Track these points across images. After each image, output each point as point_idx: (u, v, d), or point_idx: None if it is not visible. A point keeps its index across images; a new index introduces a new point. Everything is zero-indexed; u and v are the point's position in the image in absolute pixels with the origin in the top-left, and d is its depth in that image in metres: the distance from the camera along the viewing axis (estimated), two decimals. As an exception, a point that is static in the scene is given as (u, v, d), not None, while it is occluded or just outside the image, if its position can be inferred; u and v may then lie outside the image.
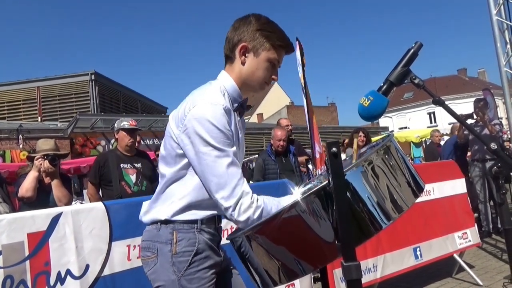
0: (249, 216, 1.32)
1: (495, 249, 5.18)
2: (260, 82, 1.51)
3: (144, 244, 1.52)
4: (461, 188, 4.36)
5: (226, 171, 1.34)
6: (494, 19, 4.88)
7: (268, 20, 1.51)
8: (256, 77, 1.50)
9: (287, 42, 1.51)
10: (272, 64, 1.50)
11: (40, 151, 3.38)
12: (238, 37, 1.49)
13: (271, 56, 1.48)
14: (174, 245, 1.44)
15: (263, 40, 1.47)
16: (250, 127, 20.39)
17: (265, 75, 1.50)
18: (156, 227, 1.48)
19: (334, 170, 1.11)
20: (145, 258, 1.50)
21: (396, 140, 1.47)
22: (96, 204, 2.38)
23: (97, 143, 13.00)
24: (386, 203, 1.20)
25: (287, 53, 1.55)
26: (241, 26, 1.50)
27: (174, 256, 1.43)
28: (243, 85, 1.52)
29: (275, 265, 1.22)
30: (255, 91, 1.57)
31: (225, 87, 1.49)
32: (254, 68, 1.49)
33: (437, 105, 1.35)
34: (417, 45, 1.36)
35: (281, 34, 1.50)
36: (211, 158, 1.34)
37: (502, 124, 6.33)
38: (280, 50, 1.50)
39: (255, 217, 1.32)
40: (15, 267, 1.97)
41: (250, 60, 1.49)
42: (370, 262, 3.43)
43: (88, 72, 16.02)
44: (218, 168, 1.34)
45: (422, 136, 15.14)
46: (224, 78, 1.52)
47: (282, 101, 42.97)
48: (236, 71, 1.51)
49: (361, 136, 5.74)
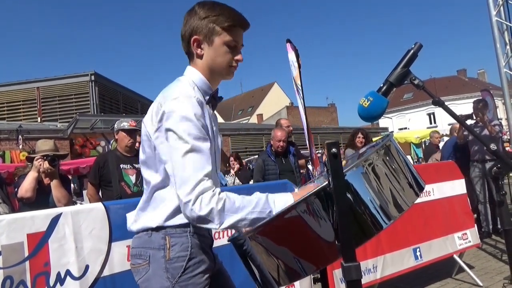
0: (212, 207, 1.25)
1: (495, 249, 5.18)
2: (224, 67, 1.46)
3: (134, 251, 1.47)
4: (461, 188, 4.36)
5: (193, 166, 1.28)
6: (494, 20, 4.88)
7: (213, 4, 1.45)
8: (218, 65, 1.46)
9: (237, 19, 1.45)
10: (230, 47, 1.44)
11: (40, 152, 3.38)
12: (189, 32, 1.46)
13: (225, 39, 1.43)
14: (168, 250, 1.39)
15: (212, 26, 1.42)
16: (250, 127, 20.38)
17: (227, 60, 1.45)
18: (147, 233, 1.44)
19: (334, 170, 1.11)
20: (136, 266, 1.45)
21: (395, 140, 1.47)
22: (96, 205, 2.37)
23: (96, 144, 13.00)
24: (386, 203, 1.20)
25: (244, 29, 1.48)
26: (188, 20, 1.46)
27: (168, 262, 1.39)
28: (210, 75, 1.48)
29: (276, 266, 1.22)
30: (224, 78, 1.52)
31: (193, 81, 1.46)
32: (213, 57, 1.45)
33: (437, 105, 1.35)
34: (416, 46, 1.36)
35: (228, 13, 1.43)
36: (181, 152, 1.29)
37: (501, 125, 6.33)
38: (233, 30, 1.43)
39: (218, 208, 1.25)
40: (15, 267, 1.97)
41: (206, 50, 1.45)
42: (370, 263, 3.43)
43: (88, 72, 16.01)
44: (186, 163, 1.28)
45: (421, 137, 15.15)
46: (191, 72, 1.49)
47: (282, 101, 42.98)
48: (199, 65, 1.48)
49: (360, 137, 5.73)
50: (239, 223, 1.28)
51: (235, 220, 1.27)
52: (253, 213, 1.29)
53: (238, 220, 1.27)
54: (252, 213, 1.28)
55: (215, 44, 1.43)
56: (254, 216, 1.28)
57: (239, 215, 1.28)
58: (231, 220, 1.27)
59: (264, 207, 1.30)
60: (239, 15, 1.46)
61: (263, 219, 1.27)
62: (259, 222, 1.27)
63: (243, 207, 1.29)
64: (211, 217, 1.25)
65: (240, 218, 1.27)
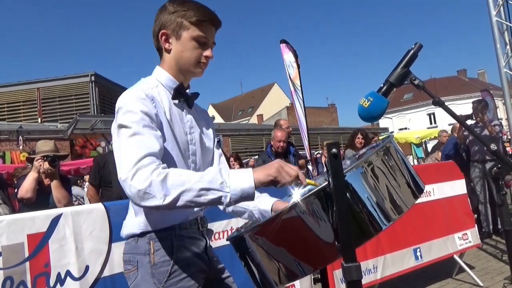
0: (152, 180, 1.17)
1: (495, 250, 5.18)
2: (192, 63, 1.44)
3: (125, 257, 1.47)
4: (461, 188, 4.36)
5: (135, 145, 1.24)
6: (494, 20, 4.88)
7: (183, 0, 1.45)
8: (185, 59, 1.44)
9: (207, 15, 1.43)
10: (199, 43, 1.43)
11: (40, 152, 3.38)
12: (158, 27, 1.45)
13: (193, 34, 1.41)
14: (152, 255, 1.38)
15: (180, 20, 1.41)
16: (250, 128, 20.38)
17: (194, 55, 1.43)
18: (134, 238, 1.44)
19: (334, 171, 1.11)
20: (127, 272, 1.44)
21: (396, 141, 1.47)
22: (96, 205, 2.38)
23: (97, 144, 13.00)
24: (385, 204, 1.20)
25: (214, 26, 1.47)
26: (158, 16, 1.46)
27: (153, 267, 1.37)
28: (177, 71, 1.47)
29: (275, 266, 1.22)
30: (193, 74, 1.49)
31: (158, 80, 1.46)
32: (180, 51, 1.44)
33: (437, 106, 1.35)
34: (416, 46, 1.36)
35: (198, 9, 1.42)
36: (125, 137, 1.27)
37: (502, 125, 6.33)
38: (202, 25, 1.42)
39: (159, 179, 1.17)
40: (15, 268, 1.97)
41: (174, 44, 1.44)
42: (370, 263, 3.43)
43: (88, 73, 16.02)
44: (129, 145, 1.25)
45: (422, 137, 15.14)
46: (156, 72, 1.49)
47: (282, 102, 42.97)
48: (166, 61, 1.47)
49: (359, 137, 5.73)
50: (185, 195, 1.17)
51: (180, 191, 1.17)
52: (200, 182, 1.18)
53: (183, 191, 1.17)
54: (199, 182, 1.18)
55: (183, 38, 1.42)
56: (202, 185, 1.17)
57: (184, 186, 1.17)
58: (176, 192, 1.17)
59: (215, 177, 1.19)
60: (209, 11, 1.45)
61: (213, 191, 1.18)
62: (208, 195, 1.18)
63: (189, 179, 1.19)
64: (151, 190, 1.16)
65: (186, 189, 1.17)
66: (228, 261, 2.35)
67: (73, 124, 12.28)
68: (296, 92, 5.59)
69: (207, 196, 1.18)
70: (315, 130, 19.72)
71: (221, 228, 2.75)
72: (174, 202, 1.18)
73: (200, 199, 1.18)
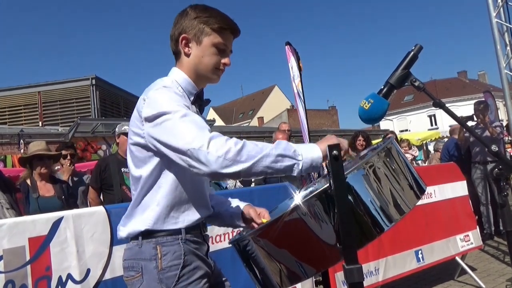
0: (230, 147, 1.17)
1: (497, 251, 5.17)
2: (210, 68, 1.46)
3: (126, 263, 1.43)
4: (462, 190, 4.36)
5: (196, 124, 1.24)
6: (494, 21, 4.88)
7: (205, 7, 1.47)
8: (204, 65, 1.45)
9: (228, 23, 1.45)
10: (219, 49, 1.45)
11: (31, 152, 3.47)
12: (178, 31, 1.46)
13: (214, 40, 1.43)
14: (159, 260, 1.35)
15: (202, 26, 1.43)
16: (251, 130, 20.40)
17: (213, 61, 1.45)
18: (138, 243, 1.40)
19: (335, 172, 1.11)
20: (129, 278, 1.41)
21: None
22: (97, 208, 2.37)
23: (98, 148, 12.99)
24: (387, 205, 1.20)
25: (234, 35, 1.49)
26: (179, 20, 1.47)
27: (160, 273, 1.35)
28: (195, 76, 1.48)
29: (277, 268, 1.22)
30: (209, 80, 1.51)
31: (177, 81, 1.45)
32: (200, 56, 1.44)
33: (437, 107, 1.35)
34: (417, 47, 1.36)
35: (220, 17, 1.45)
36: (177, 119, 1.25)
37: (503, 126, 6.32)
38: (223, 33, 1.44)
39: (238, 147, 1.18)
40: (16, 271, 1.97)
41: (194, 49, 1.45)
42: (372, 265, 3.42)
43: (89, 76, 16.04)
44: (186, 125, 1.24)
45: (423, 138, 15.13)
46: (174, 73, 1.49)
47: (283, 104, 43.01)
48: (184, 64, 1.48)
49: (360, 140, 5.73)
50: (264, 160, 1.18)
51: (259, 157, 1.18)
52: (276, 149, 1.20)
53: (263, 156, 1.18)
54: (275, 149, 1.20)
55: (203, 44, 1.44)
56: (279, 152, 1.20)
57: (264, 152, 1.19)
58: (255, 158, 1.18)
59: (288, 146, 1.21)
60: (230, 20, 1.47)
61: (288, 158, 1.19)
62: (284, 161, 1.19)
63: (266, 147, 1.21)
64: (231, 157, 1.17)
65: (265, 154, 1.18)
66: (230, 264, 2.35)
67: (74, 127, 12.29)
68: (298, 95, 5.60)
69: (283, 163, 1.20)
70: (316, 132, 19.69)
71: (222, 231, 2.74)
72: (254, 167, 1.19)
73: (277, 165, 1.20)
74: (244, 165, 1.18)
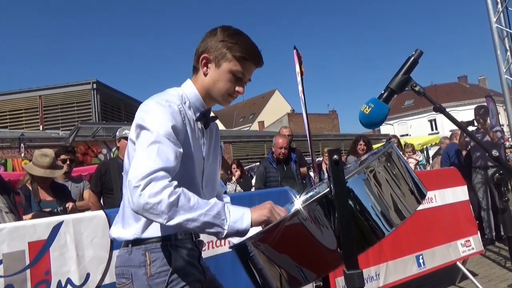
0: (162, 198, 1.17)
1: (498, 256, 5.15)
2: (222, 93, 1.46)
3: (118, 270, 1.44)
4: (463, 195, 4.35)
5: (155, 154, 1.24)
6: (494, 26, 4.90)
7: (235, 32, 1.46)
8: (217, 89, 1.46)
9: (252, 54, 1.44)
10: (235, 77, 1.44)
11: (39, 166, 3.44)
12: (203, 48, 1.47)
13: (233, 68, 1.43)
14: (148, 267, 1.37)
15: (225, 51, 1.42)
16: (251, 135, 20.41)
17: (227, 87, 1.45)
18: (128, 250, 1.41)
19: (336, 177, 1.11)
20: (121, 285, 1.42)
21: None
22: (97, 213, 2.37)
23: (98, 152, 13.00)
24: (388, 210, 1.19)
25: (256, 65, 1.48)
26: (207, 38, 1.48)
27: (149, 279, 1.36)
28: (206, 95, 1.49)
29: (278, 273, 1.22)
30: (219, 103, 1.52)
31: (187, 96, 1.46)
32: (215, 79, 1.45)
33: (438, 112, 1.35)
34: (417, 52, 1.36)
35: (246, 45, 1.44)
36: (147, 142, 1.27)
37: (503, 131, 6.32)
38: (244, 62, 1.43)
39: (170, 200, 1.17)
40: (16, 276, 1.96)
41: (211, 71, 1.45)
42: (372, 270, 3.41)
43: (90, 81, 16.07)
44: (148, 151, 1.24)
45: (423, 143, 15.13)
46: (187, 86, 1.50)
47: (283, 109, 43.07)
48: (199, 81, 1.49)
49: (361, 144, 5.73)
50: (188, 224, 1.21)
51: (185, 218, 1.20)
52: (206, 215, 1.22)
53: (189, 219, 1.20)
54: (205, 215, 1.22)
55: (221, 68, 1.44)
56: (207, 219, 1.21)
57: (191, 214, 1.20)
58: (181, 218, 1.19)
59: (219, 214, 1.23)
60: (256, 51, 1.46)
61: (215, 227, 1.23)
62: (210, 228, 1.23)
63: (197, 207, 1.22)
64: (158, 208, 1.17)
65: (192, 218, 1.20)
66: (230, 268, 2.34)
67: (75, 131, 12.31)
68: (301, 99, 5.63)
69: (207, 230, 1.24)
70: (316, 137, 19.71)
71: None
72: (176, 226, 1.21)
73: (200, 229, 1.25)
74: (168, 221, 1.19)
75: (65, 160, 4.21)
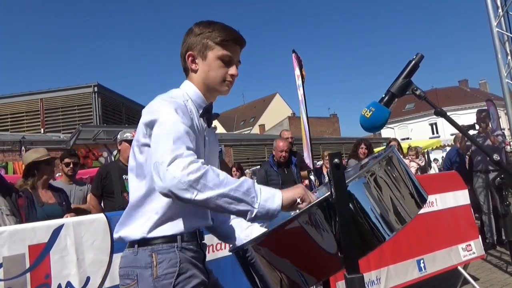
0: (190, 172, 1.15)
1: (500, 261, 5.13)
2: (217, 81, 1.49)
3: (122, 271, 1.43)
4: (464, 199, 4.33)
5: (177, 136, 1.23)
6: (495, 30, 4.90)
7: (209, 22, 1.50)
8: (212, 78, 1.49)
9: (231, 35, 1.47)
10: (224, 62, 1.47)
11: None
12: (185, 48, 1.51)
13: (218, 53, 1.46)
14: (155, 268, 1.36)
15: (206, 41, 1.46)
16: (252, 138, 20.43)
17: (220, 73, 1.48)
18: (133, 251, 1.40)
19: (337, 181, 1.11)
20: (125, 286, 1.41)
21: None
22: (97, 216, 2.37)
23: (99, 155, 13.01)
24: (389, 214, 1.19)
25: (239, 45, 1.51)
26: (185, 38, 1.52)
27: (155, 281, 1.35)
28: (205, 89, 1.51)
29: (278, 277, 1.21)
30: (219, 92, 1.53)
31: (188, 94, 1.49)
32: (206, 71, 1.48)
33: (439, 116, 1.35)
34: (418, 56, 1.37)
35: (222, 30, 1.47)
36: (166, 128, 1.27)
37: (504, 135, 6.31)
38: (226, 45, 1.47)
39: (198, 175, 1.15)
40: (16, 279, 1.96)
41: (200, 65, 1.49)
42: (373, 275, 3.40)
43: (91, 84, 16.11)
44: (170, 134, 1.24)
45: (424, 147, 15.12)
46: (186, 85, 1.52)
47: (284, 112, 43.08)
48: (194, 79, 1.52)
49: (362, 147, 5.73)
50: (219, 200, 1.18)
51: (215, 193, 1.17)
52: (237, 191, 1.19)
53: (219, 194, 1.17)
54: (236, 191, 1.19)
55: (208, 58, 1.48)
56: (238, 195, 1.19)
57: (221, 190, 1.17)
58: (211, 193, 1.17)
59: (249, 190, 1.20)
60: (233, 31, 1.50)
61: (244, 204, 1.19)
62: (240, 204, 1.19)
63: (227, 183, 1.19)
64: (187, 183, 1.15)
65: (222, 193, 1.17)
66: (230, 272, 2.33)
67: (76, 134, 12.32)
68: (302, 103, 5.64)
69: (237, 207, 1.20)
70: (317, 140, 19.72)
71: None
72: (205, 202, 1.18)
73: (230, 206, 1.20)
74: (196, 196, 1.16)
75: (69, 163, 4.20)
